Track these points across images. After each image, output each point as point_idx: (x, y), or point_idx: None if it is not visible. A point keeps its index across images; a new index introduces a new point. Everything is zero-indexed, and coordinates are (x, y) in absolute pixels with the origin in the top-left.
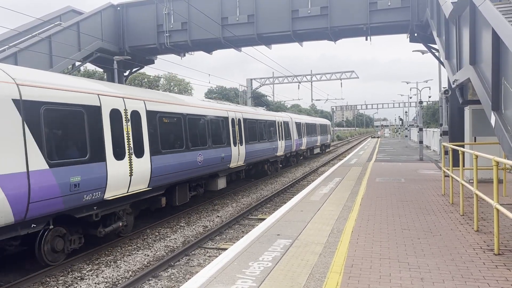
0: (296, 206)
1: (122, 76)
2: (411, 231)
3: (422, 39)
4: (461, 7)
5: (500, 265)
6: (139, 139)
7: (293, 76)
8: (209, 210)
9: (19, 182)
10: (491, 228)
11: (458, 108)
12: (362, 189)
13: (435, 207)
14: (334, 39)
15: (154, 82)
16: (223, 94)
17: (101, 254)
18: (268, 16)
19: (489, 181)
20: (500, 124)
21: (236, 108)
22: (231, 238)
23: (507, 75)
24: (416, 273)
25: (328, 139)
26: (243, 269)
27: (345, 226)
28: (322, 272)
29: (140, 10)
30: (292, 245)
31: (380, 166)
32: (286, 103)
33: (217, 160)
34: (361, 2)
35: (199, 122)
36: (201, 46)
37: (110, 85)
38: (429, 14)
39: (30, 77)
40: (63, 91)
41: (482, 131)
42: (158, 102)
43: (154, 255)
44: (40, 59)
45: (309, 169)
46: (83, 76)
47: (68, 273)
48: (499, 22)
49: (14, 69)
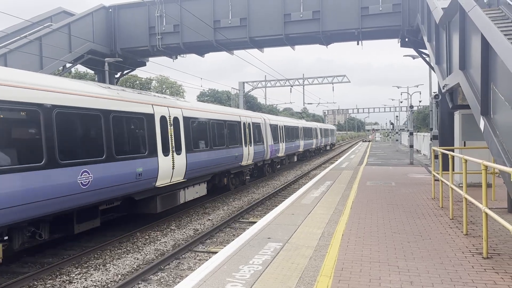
0: (287, 209)
1: (113, 78)
2: (401, 235)
3: (413, 44)
4: (451, 12)
5: (488, 268)
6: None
7: (285, 79)
8: (200, 213)
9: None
10: (480, 232)
11: (448, 112)
12: (353, 193)
13: (425, 210)
14: (326, 43)
15: (146, 84)
16: (215, 97)
17: (90, 257)
18: (261, 20)
19: (478, 185)
20: (489, 129)
21: (171, 103)
22: (222, 241)
23: (495, 80)
24: (406, 277)
25: (314, 144)
26: (233, 272)
27: (336, 229)
28: (312, 275)
29: (132, 12)
30: (282, 249)
31: (371, 169)
32: (278, 106)
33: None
34: (352, 7)
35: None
36: (193, 49)
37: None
38: (420, 19)
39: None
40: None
41: (472, 136)
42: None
43: (144, 259)
44: (30, 61)
45: (301, 172)
46: (74, 77)
47: (56, 277)
48: (488, 28)
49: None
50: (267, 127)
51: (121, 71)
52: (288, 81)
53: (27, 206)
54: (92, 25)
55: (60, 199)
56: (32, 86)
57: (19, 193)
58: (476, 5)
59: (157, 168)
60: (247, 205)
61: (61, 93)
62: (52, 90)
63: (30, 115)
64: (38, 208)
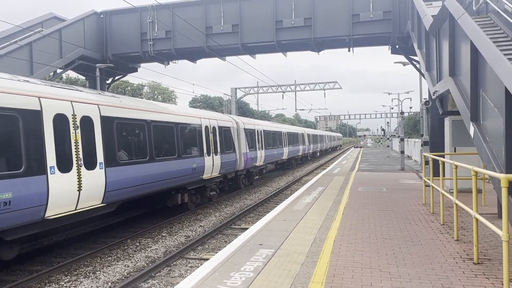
0: (279, 215)
1: (105, 84)
2: (393, 240)
3: (404, 51)
4: (441, 20)
5: (479, 274)
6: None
7: (277, 86)
8: (192, 220)
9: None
10: (471, 237)
11: (439, 118)
12: (344, 199)
13: (416, 216)
14: (317, 49)
15: (138, 90)
16: (207, 103)
17: (80, 264)
18: (253, 26)
19: (468, 191)
20: (479, 135)
21: (95, 99)
22: (214, 248)
23: (485, 86)
24: (397, 283)
25: (300, 151)
26: (225, 279)
27: (328, 235)
28: (304, 282)
29: (124, 18)
30: (274, 255)
31: (363, 175)
32: (270, 112)
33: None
34: (344, 14)
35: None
36: (185, 55)
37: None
38: (410, 26)
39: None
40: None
41: (462, 142)
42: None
43: (135, 266)
44: (20, 66)
45: (293, 178)
46: (65, 83)
47: (45, 285)
48: (477, 35)
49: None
50: (240, 131)
51: (112, 77)
52: (280, 87)
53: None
54: (83, 30)
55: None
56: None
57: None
58: (465, 13)
59: (46, 193)
60: (239, 212)
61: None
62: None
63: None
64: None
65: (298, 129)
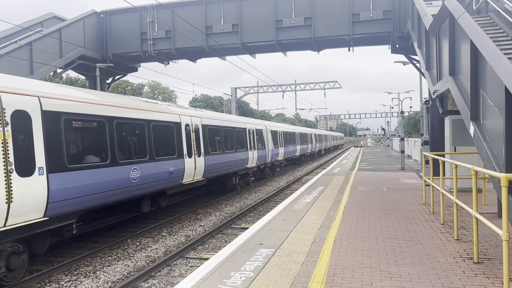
0: (279, 215)
1: (105, 84)
2: (393, 240)
3: (404, 50)
4: (440, 19)
5: (479, 273)
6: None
7: (277, 85)
8: (192, 219)
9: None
10: (470, 237)
11: (439, 118)
12: (344, 198)
13: (416, 216)
14: (317, 49)
15: (138, 90)
16: (207, 103)
17: (80, 264)
18: (253, 26)
19: (469, 190)
20: (479, 134)
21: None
22: (214, 247)
23: (485, 86)
24: (397, 282)
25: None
26: (225, 279)
27: (328, 235)
28: (304, 281)
29: (124, 17)
30: (274, 255)
31: (363, 175)
32: (270, 112)
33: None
34: (344, 14)
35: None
36: (185, 55)
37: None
38: (410, 26)
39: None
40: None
41: (462, 141)
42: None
43: (135, 266)
44: (20, 66)
45: (293, 178)
46: (66, 83)
47: (46, 284)
48: (477, 34)
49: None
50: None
51: (112, 77)
52: (280, 86)
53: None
54: (83, 30)
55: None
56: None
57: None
58: (466, 12)
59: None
60: (239, 211)
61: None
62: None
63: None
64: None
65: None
